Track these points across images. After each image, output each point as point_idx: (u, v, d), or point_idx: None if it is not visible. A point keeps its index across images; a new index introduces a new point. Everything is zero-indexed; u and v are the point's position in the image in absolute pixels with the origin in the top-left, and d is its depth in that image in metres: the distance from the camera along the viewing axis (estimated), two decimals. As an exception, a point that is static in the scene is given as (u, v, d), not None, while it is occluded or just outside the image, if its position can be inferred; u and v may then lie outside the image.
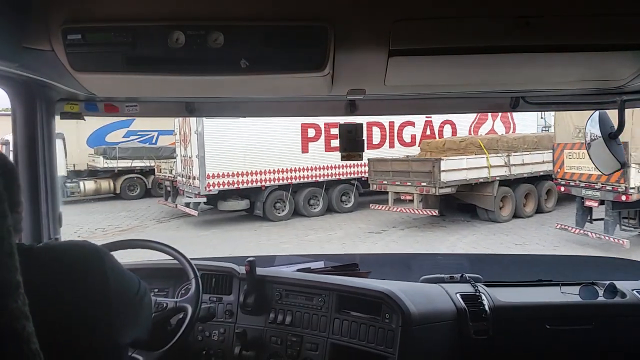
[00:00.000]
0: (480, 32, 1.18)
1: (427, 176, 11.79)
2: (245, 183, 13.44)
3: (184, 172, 14.15)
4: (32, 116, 1.61)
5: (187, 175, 13.80)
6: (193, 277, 1.75)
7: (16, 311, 0.58)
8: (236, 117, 2.17)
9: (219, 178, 13.18)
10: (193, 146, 13.33)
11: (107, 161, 19.05)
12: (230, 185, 13.34)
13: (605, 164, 1.70)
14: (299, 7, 1.14)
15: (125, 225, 13.91)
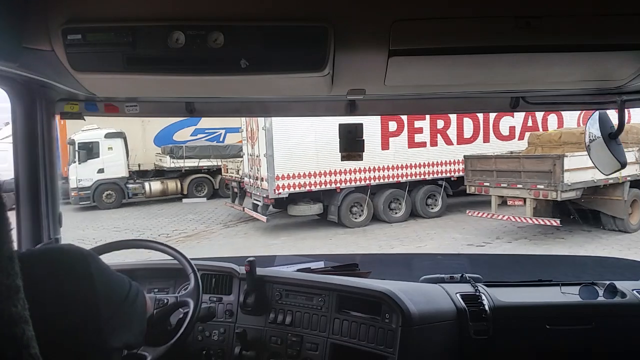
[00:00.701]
0: (480, 32, 1.18)
1: (545, 177, 9.45)
2: (317, 185, 12.02)
3: (251, 172, 13.00)
4: (32, 116, 1.61)
5: (255, 176, 12.62)
6: (191, 273, 1.74)
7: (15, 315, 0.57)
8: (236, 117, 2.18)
9: (289, 179, 11.84)
10: (261, 144, 12.09)
11: (174, 160, 18.44)
12: (302, 188, 11.93)
13: (605, 164, 1.70)
14: (299, 7, 1.14)
15: (190, 230, 12.79)
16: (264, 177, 11.95)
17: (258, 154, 12.37)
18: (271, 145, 11.66)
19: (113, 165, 17.56)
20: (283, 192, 11.89)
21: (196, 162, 18.55)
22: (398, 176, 12.75)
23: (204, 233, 12.48)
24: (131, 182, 18.24)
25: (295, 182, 11.95)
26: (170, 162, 18.48)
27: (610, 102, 1.72)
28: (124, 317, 1.13)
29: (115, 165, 17.61)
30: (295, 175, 11.96)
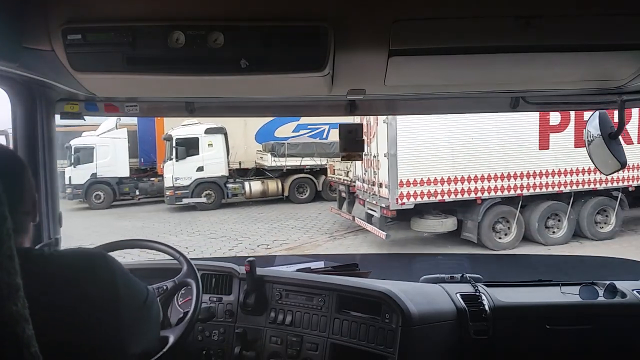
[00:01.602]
0: (480, 32, 1.18)
1: None
2: (451, 194, 9.40)
3: (365, 175, 10.56)
4: (32, 116, 1.61)
5: (370, 181, 10.22)
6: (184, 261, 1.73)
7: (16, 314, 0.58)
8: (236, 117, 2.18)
9: (415, 186, 9.31)
10: (380, 141, 9.72)
11: (275, 159, 16.94)
12: (431, 197, 9.37)
13: (605, 164, 1.70)
14: (299, 7, 1.14)
15: (292, 241, 11.05)
16: (383, 182, 9.52)
17: (376, 153, 9.92)
18: (394, 144, 9.20)
19: (213, 163, 16.40)
20: (408, 202, 9.27)
21: (298, 160, 16.99)
22: (559, 184, 9.60)
23: (307, 246, 10.56)
24: (231, 181, 16.99)
25: (423, 190, 9.34)
26: (271, 161, 16.96)
27: (610, 102, 1.72)
28: (143, 323, 1.13)
29: (215, 163, 16.44)
30: (424, 182, 9.33)
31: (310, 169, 17.27)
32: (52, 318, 0.87)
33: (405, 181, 9.35)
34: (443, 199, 9.48)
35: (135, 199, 18.25)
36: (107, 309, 0.98)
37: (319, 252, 9.90)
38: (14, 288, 0.58)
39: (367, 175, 10.48)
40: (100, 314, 0.97)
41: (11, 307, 0.57)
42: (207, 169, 16.31)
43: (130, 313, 1.05)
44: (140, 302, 1.11)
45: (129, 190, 18.15)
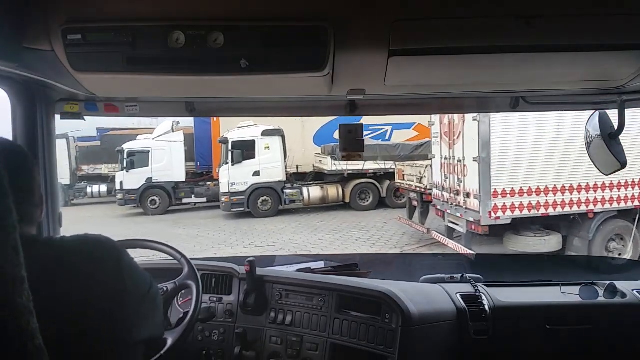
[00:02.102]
0: (480, 32, 1.18)
1: None
2: (557, 206, 7.88)
3: (445, 183, 9.18)
4: (32, 116, 1.61)
5: (454, 189, 8.82)
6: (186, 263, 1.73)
7: (21, 307, 0.58)
8: (236, 117, 2.18)
9: (512, 197, 7.84)
10: (467, 143, 8.33)
11: (335, 162, 15.57)
12: (533, 210, 7.88)
13: (605, 164, 1.70)
14: (299, 7, 1.14)
15: None
16: (472, 191, 8.15)
17: (461, 157, 8.56)
18: (487, 145, 7.81)
19: (270, 167, 15.39)
20: (504, 216, 7.81)
21: (361, 164, 15.39)
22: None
23: (376, 261, 9.97)
24: (288, 186, 15.91)
25: (522, 202, 7.80)
26: (331, 165, 15.68)
27: (610, 102, 1.72)
28: (148, 311, 1.14)
29: (272, 167, 15.43)
30: (524, 192, 7.83)
31: (374, 174, 15.85)
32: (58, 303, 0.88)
33: (500, 191, 7.75)
34: (547, 213, 7.85)
35: (191, 204, 17.62)
36: (113, 296, 1.00)
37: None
38: (19, 280, 0.58)
39: (448, 183, 8.99)
40: (106, 300, 0.98)
41: (16, 300, 0.57)
42: (264, 173, 15.36)
43: (136, 301, 1.07)
44: (144, 290, 1.12)
45: (185, 195, 17.45)
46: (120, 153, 17.07)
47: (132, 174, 16.82)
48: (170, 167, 17.20)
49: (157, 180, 17.01)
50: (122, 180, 16.87)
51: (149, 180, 16.96)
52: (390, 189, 15.54)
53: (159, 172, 17.04)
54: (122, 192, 16.92)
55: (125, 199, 16.96)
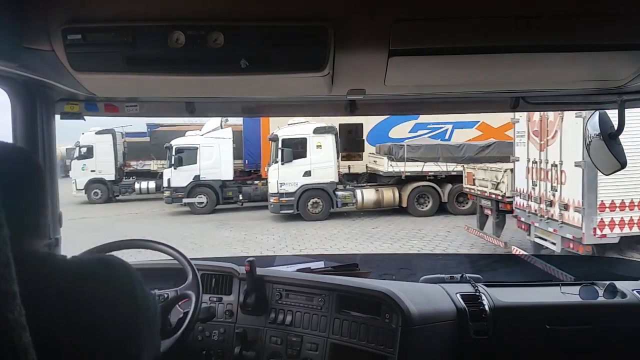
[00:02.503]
0: (480, 32, 1.18)
1: None
2: None
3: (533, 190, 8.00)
4: (32, 116, 1.61)
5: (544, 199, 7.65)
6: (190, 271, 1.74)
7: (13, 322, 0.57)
8: (236, 117, 2.17)
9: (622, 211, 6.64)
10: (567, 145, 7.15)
11: (392, 163, 14.60)
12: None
13: (605, 164, 1.71)
14: (299, 7, 1.14)
15: None
16: (571, 202, 6.98)
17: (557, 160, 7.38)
18: None
19: (322, 167, 14.47)
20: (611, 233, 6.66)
21: (420, 165, 14.44)
22: None
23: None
24: (341, 188, 14.91)
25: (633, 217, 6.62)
26: (387, 165, 14.59)
27: (610, 102, 1.72)
28: (154, 332, 1.12)
29: (324, 167, 14.49)
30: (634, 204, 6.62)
31: (434, 176, 14.59)
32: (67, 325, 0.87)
33: (608, 203, 6.54)
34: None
35: (239, 203, 17.02)
36: (126, 319, 0.98)
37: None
38: (11, 296, 0.58)
39: (537, 191, 7.82)
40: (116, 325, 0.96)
41: (7, 315, 0.57)
42: (315, 173, 14.43)
43: (147, 322, 1.05)
44: (153, 310, 1.10)
45: (232, 194, 16.85)
46: (169, 149, 16.68)
47: (179, 171, 16.38)
48: (218, 165, 16.65)
49: (204, 178, 16.46)
50: (170, 177, 16.43)
51: (197, 178, 16.44)
52: (452, 194, 14.36)
53: (207, 169, 16.48)
54: (170, 189, 16.48)
55: (172, 197, 16.51)
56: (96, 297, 0.94)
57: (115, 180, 20.27)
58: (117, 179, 20.44)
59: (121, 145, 21.21)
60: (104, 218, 15.90)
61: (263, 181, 16.69)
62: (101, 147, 19.83)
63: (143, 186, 20.15)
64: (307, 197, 14.56)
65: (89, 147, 19.88)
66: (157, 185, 19.37)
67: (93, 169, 19.84)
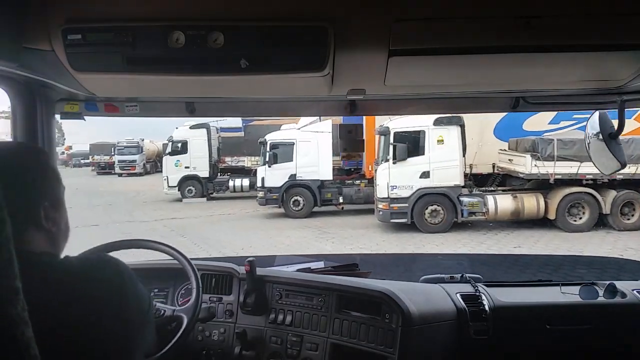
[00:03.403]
0: (480, 32, 1.18)
1: None
2: None
3: None
4: (32, 116, 1.61)
5: None
6: (194, 278, 1.74)
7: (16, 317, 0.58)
8: (236, 117, 2.18)
9: None
10: None
11: (537, 163, 11.63)
12: None
13: (605, 164, 1.71)
14: (298, 7, 1.14)
15: None
16: None
17: None
18: None
19: (443, 167, 11.84)
20: None
21: (574, 166, 11.29)
22: None
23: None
24: (466, 193, 12.13)
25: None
26: (530, 166, 11.67)
27: (610, 102, 1.72)
28: (146, 328, 1.13)
29: (446, 166, 11.87)
30: None
31: (593, 180, 11.41)
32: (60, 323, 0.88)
33: None
34: None
35: (338, 207, 14.96)
36: (117, 316, 0.99)
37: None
38: (14, 291, 0.58)
39: None
40: (109, 323, 0.97)
41: (11, 310, 0.57)
42: (436, 175, 11.80)
43: (138, 319, 1.05)
44: (145, 307, 1.11)
45: (332, 196, 14.83)
46: (263, 145, 15.02)
47: (274, 169, 14.70)
48: (317, 163, 14.72)
49: (301, 178, 14.70)
50: (264, 176, 14.75)
51: (293, 177, 14.73)
52: (616, 203, 11.30)
53: (304, 168, 14.71)
54: (264, 189, 14.78)
55: (266, 198, 14.84)
56: (86, 294, 0.95)
57: (209, 177, 18.91)
58: (212, 175, 19.07)
59: (215, 141, 19.87)
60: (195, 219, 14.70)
61: (365, 181, 14.78)
62: (195, 143, 18.60)
63: (237, 184, 18.79)
64: (424, 203, 11.84)
65: (183, 142, 18.66)
66: (250, 183, 18.03)
67: (187, 165, 18.54)
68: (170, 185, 18.58)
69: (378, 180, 12.39)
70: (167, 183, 18.61)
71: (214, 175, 19.34)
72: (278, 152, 14.84)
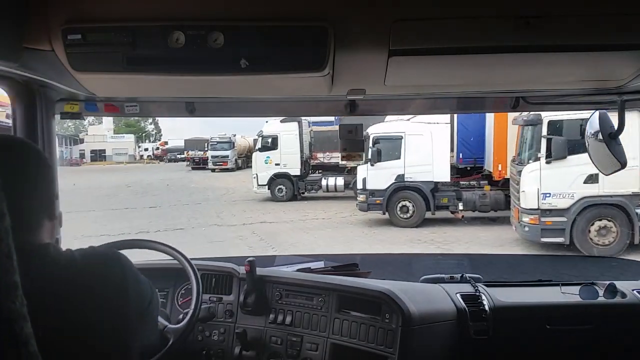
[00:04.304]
0: (480, 32, 1.18)
1: None
2: None
3: None
4: (32, 116, 1.61)
5: None
6: (194, 278, 1.74)
7: (14, 312, 0.58)
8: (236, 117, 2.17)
9: None
10: None
11: None
12: None
13: (605, 164, 1.71)
14: (299, 7, 1.14)
15: None
16: None
17: None
18: None
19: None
20: None
21: None
22: None
23: None
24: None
25: None
26: None
27: (610, 102, 1.72)
28: (147, 322, 1.14)
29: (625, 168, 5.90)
30: None
31: None
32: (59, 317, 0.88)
33: None
34: None
35: (457, 215, 12.38)
36: (115, 310, 0.99)
37: None
38: (12, 286, 0.58)
39: None
40: (109, 316, 0.98)
41: (9, 305, 0.57)
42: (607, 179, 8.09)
43: (137, 313, 1.06)
44: (146, 302, 1.11)
45: (448, 201, 12.32)
46: (366, 139, 12.28)
47: (378, 168, 12.34)
48: (430, 161, 12.26)
49: (410, 179, 12.34)
50: (365, 176, 12.44)
51: (400, 178, 12.34)
52: None
53: (414, 167, 12.28)
54: (365, 192, 12.47)
55: (368, 203, 12.48)
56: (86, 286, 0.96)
57: (300, 175, 17.31)
58: (303, 173, 17.46)
59: (307, 135, 18.22)
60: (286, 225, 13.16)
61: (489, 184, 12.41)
62: (286, 138, 17.16)
63: (330, 183, 16.81)
64: (588, 217, 8.86)
65: (273, 137, 17.23)
66: (345, 182, 16.33)
67: (277, 162, 17.11)
68: (260, 183, 17.28)
69: (523, 185, 9.29)
70: (257, 181, 17.33)
71: (305, 173, 17.73)
72: (382, 148, 12.46)
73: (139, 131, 62.66)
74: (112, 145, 52.90)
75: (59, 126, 66.32)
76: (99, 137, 53.36)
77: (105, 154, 51.45)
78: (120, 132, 58.88)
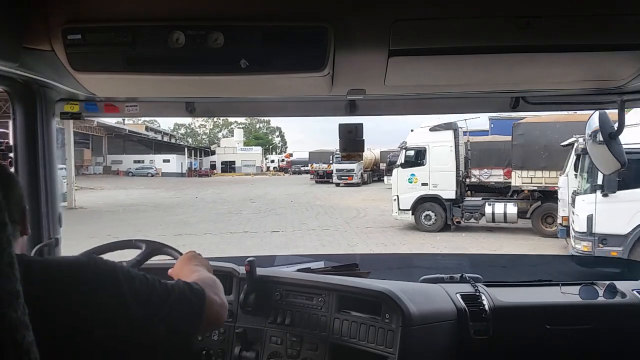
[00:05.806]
0: (480, 32, 1.18)
1: None
2: None
3: None
4: (32, 116, 1.61)
5: None
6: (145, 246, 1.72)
7: (16, 321, 0.57)
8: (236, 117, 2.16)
9: None
10: None
11: None
12: None
13: (605, 164, 1.71)
14: (298, 7, 1.15)
15: None
16: None
17: None
18: None
19: None
20: None
21: None
22: None
23: None
24: None
25: None
26: None
27: (610, 102, 1.72)
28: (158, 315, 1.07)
29: None
30: None
31: None
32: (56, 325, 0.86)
33: None
34: None
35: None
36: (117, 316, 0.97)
37: None
38: (14, 295, 0.58)
39: None
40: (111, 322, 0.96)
41: (11, 314, 0.57)
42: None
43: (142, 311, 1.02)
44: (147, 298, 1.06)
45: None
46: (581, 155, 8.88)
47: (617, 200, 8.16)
48: None
49: None
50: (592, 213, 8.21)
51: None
52: None
53: None
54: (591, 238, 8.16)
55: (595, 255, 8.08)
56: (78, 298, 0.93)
57: (455, 199, 13.36)
58: (458, 197, 13.46)
59: (462, 147, 13.94)
60: None
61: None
62: (437, 151, 13.46)
63: (497, 210, 12.76)
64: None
65: (421, 149, 13.61)
66: (519, 209, 12.56)
67: (425, 181, 13.49)
68: (402, 207, 13.63)
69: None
70: (398, 205, 13.71)
71: (461, 197, 13.63)
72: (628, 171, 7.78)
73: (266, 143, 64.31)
74: (241, 157, 53.98)
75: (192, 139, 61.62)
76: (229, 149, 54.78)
77: (235, 165, 52.55)
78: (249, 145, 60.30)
